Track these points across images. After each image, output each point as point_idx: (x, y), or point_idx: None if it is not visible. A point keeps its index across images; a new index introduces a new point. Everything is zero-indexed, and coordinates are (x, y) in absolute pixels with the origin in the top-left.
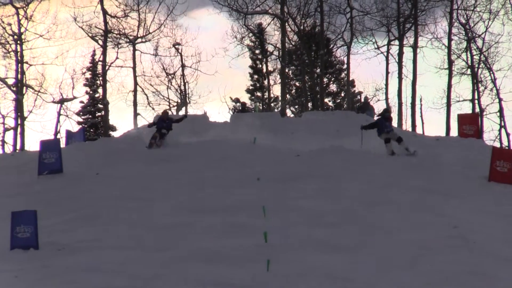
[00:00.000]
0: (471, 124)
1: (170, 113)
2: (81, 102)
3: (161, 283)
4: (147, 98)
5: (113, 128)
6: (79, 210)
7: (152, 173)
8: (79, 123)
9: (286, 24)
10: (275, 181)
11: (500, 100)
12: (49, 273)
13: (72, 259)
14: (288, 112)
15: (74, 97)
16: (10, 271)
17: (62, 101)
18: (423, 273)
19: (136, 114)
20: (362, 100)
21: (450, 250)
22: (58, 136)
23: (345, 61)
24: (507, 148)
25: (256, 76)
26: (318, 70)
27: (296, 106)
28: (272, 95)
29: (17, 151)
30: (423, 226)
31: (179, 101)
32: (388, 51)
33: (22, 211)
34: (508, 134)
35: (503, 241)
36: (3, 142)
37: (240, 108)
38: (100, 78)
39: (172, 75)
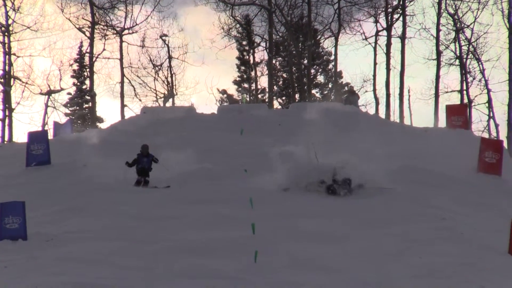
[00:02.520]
0: (459, 115)
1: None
2: (69, 93)
3: (149, 274)
4: (134, 90)
5: (101, 120)
6: (67, 202)
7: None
8: (66, 114)
9: (274, 15)
10: (262, 173)
11: (488, 90)
12: (38, 264)
13: (61, 250)
14: (276, 104)
15: (62, 89)
16: None
17: (49, 93)
18: (411, 264)
19: (123, 106)
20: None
21: (438, 241)
22: (46, 128)
23: (333, 52)
24: (495, 139)
25: (243, 68)
26: (306, 61)
27: (283, 98)
28: (259, 87)
29: (5, 142)
30: (411, 217)
31: (166, 92)
32: (376, 42)
33: (10, 202)
34: (496, 125)
35: (491, 232)
36: None
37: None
38: (87, 70)
39: (159, 67)
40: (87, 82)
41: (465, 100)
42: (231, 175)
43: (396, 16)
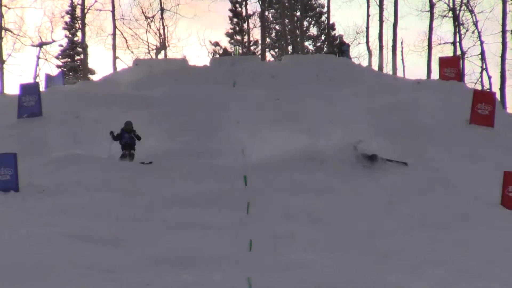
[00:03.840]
0: (452, 67)
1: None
2: (60, 45)
3: (141, 225)
4: (126, 42)
5: (92, 72)
6: (59, 153)
7: (133, 117)
8: (58, 66)
9: None
10: (254, 125)
11: (481, 42)
12: (29, 215)
13: (52, 201)
14: (268, 56)
15: (53, 41)
16: None
17: (41, 45)
18: (403, 216)
19: (115, 58)
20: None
21: (430, 193)
22: (38, 80)
23: (325, 4)
24: (488, 90)
25: (235, 20)
26: (298, 13)
27: (276, 50)
28: (251, 39)
29: None
30: (403, 169)
31: (158, 44)
32: None
33: (2, 153)
34: (489, 77)
35: (484, 183)
36: None
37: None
38: (79, 22)
39: (151, 18)
40: (79, 34)
41: (458, 52)
42: (224, 127)
43: None
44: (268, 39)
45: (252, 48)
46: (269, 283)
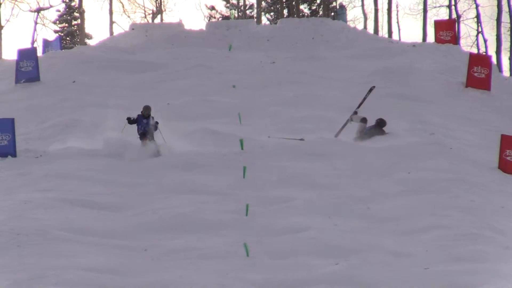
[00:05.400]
0: (447, 30)
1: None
2: (58, 10)
3: (139, 189)
4: (123, 6)
5: (89, 37)
6: (56, 118)
7: (130, 81)
8: (55, 31)
9: None
10: (250, 88)
11: (477, 6)
12: (27, 180)
13: (50, 166)
14: (264, 20)
15: (51, 6)
16: None
17: (38, 10)
18: (399, 180)
19: (112, 22)
20: (338, 7)
21: (426, 156)
22: (35, 45)
23: None
24: (484, 54)
25: None
26: None
27: (272, 14)
28: (247, 2)
29: None
30: (399, 133)
31: (154, 9)
32: None
33: None
34: (485, 40)
35: (481, 147)
36: None
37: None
38: None
39: None
40: None
41: (454, 15)
42: (220, 91)
43: None
44: (263, 3)
45: (247, 11)
46: (265, 248)
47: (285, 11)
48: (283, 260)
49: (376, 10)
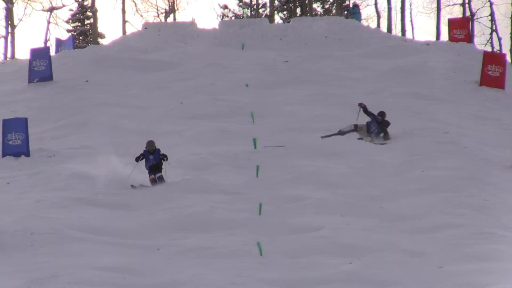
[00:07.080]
0: (461, 28)
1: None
2: (70, 10)
3: (152, 188)
4: (135, 5)
5: (102, 36)
6: (70, 117)
7: (142, 81)
8: (68, 31)
9: None
10: (263, 87)
11: (491, 4)
12: (40, 179)
13: (63, 165)
14: (277, 18)
15: (64, 5)
16: (2, 178)
17: (51, 9)
18: (414, 178)
19: (124, 22)
20: (351, 6)
21: (441, 155)
22: (48, 44)
23: None
24: (498, 52)
25: None
26: None
27: (285, 12)
28: (260, 1)
29: (7, 59)
30: (414, 132)
31: (167, 8)
32: None
33: (13, 118)
34: (499, 38)
35: (495, 146)
36: None
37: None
38: None
39: None
40: None
41: (467, 13)
42: (233, 90)
43: None
44: (276, 1)
45: (260, 10)
46: (279, 247)
47: (298, 10)
48: (296, 259)
49: (390, 9)
